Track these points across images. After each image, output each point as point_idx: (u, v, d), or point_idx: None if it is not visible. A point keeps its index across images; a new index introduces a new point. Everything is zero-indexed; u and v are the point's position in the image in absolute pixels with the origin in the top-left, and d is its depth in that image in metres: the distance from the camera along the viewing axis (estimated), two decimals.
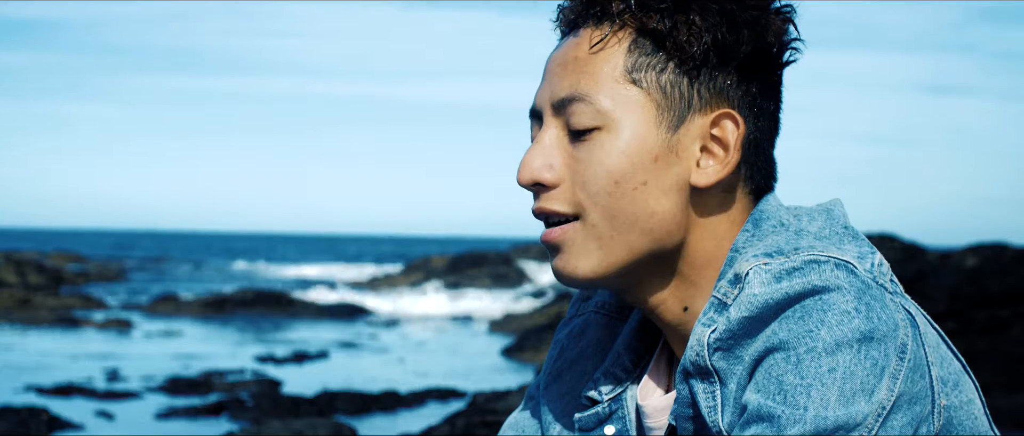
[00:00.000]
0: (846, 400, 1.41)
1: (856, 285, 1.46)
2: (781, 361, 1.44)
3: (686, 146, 1.61)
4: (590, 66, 1.61)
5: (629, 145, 1.59)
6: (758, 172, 1.65)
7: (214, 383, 15.29)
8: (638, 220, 1.60)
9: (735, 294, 1.52)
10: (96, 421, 12.66)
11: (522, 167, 1.64)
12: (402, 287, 37.01)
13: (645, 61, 1.60)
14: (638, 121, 1.60)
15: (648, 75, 1.60)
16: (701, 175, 1.61)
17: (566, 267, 1.64)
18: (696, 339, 1.54)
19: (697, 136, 1.61)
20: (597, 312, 1.82)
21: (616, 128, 1.60)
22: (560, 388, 1.81)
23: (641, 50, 1.60)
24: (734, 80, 1.61)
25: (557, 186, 1.63)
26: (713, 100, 1.61)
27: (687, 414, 1.58)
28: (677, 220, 1.61)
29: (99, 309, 27.44)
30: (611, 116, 1.60)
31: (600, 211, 1.60)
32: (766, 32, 1.60)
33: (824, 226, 1.59)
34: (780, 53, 1.63)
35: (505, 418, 10.95)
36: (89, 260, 49.97)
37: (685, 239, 1.63)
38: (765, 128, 1.64)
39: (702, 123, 1.61)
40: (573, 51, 1.64)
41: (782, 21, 1.62)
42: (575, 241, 1.62)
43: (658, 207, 1.60)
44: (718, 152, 1.61)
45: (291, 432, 11.07)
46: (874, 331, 1.44)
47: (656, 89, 1.60)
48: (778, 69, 1.65)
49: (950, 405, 1.54)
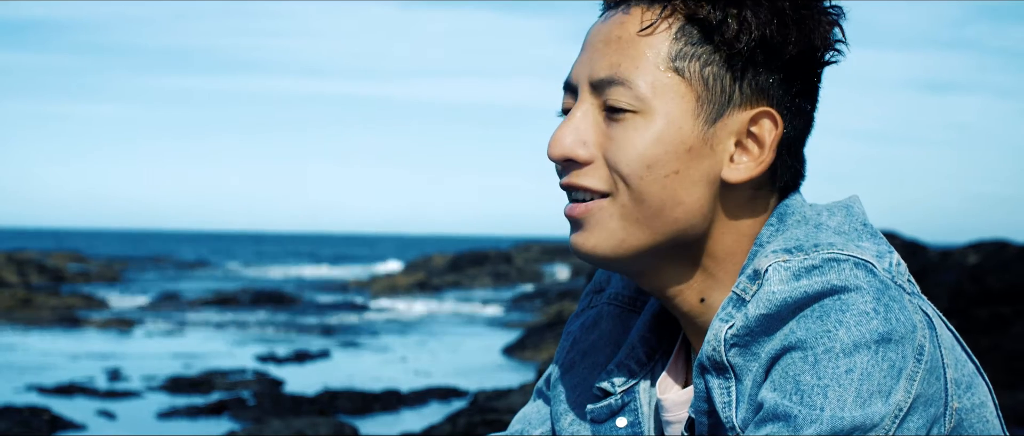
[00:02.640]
0: (863, 401, 1.40)
1: (875, 285, 1.45)
2: (798, 360, 1.43)
3: (722, 140, 1.59)
4: (634, 48, 1.59)
5: (665, 132, 1.57)
6: (788, 171, 1.64)
7: (215, 382, 15.29)
8: (664, 207, 1.58)
9: (754, 290, 1.51)
10: (98, 421, 12.66)
11: (554, 142, 1.62)
12: (403, 286, 37.00)
13: (691, 50, 1.58)
14: (676, 110, 1.58)
15: (692, 65, 1.58)
16: (733, 171, 1.59)
17: (586, 243, 1.62)
18: (713, 334, 1.53)
19: (734, 131, 1.59)
20: (610, 304, 1.81)
21: (653, 114, 1.58)
22: (572, 379, 1.80)
23: (688, 38, 1.58)
24: (777, 79, 1.59)
25: (589, 163, 1.61)
26: (754, 97, 1.59)
27: (704, 409, 1.57)
28: (703, 212, 1.60)
29: (100, 309, 27.44)
30: (650, 102, 1.58)
31: (630, 193, 1.59)
32: (813, 33, 1.58)
33: (843, 222, 1.58)
34: (824, 54, 1.61)
35: (507, 417, 10.95)
36: (90, 260, 49.97)
37: (708, 231, 1.61)
38: (800, 127, 1.62)
39: (741, 119, 1.59)
40: (618, 29, 1.61)
41: (829, 23, 1.60)
42: (600, 218, 1.61)
43: (686, 197, 1.59)
44: (753, 149, 1.59)
45: (292, 431, 11.06)
46: (892, 332, 1.42)
47: (698, 80, 1.58)
48: (820, 69, 1.63)
49: (962, 407, 1.53)
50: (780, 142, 1.60)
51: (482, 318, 27.18)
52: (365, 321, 26.15)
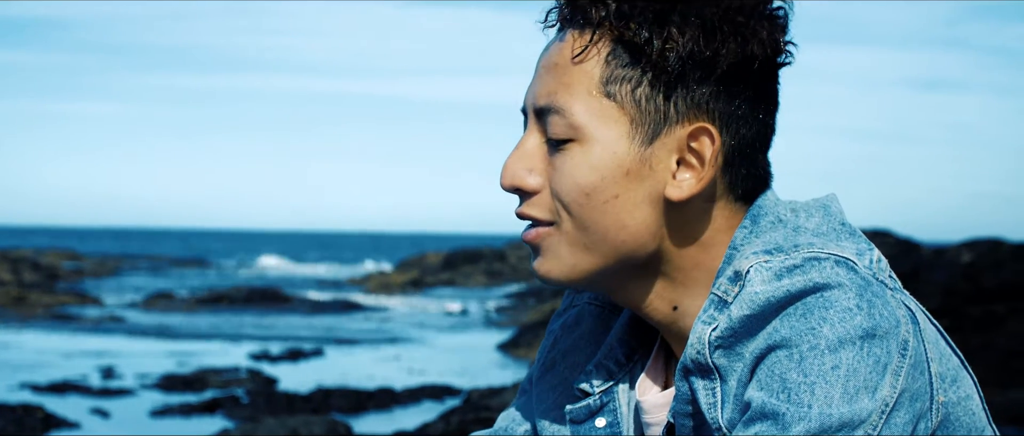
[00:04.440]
0: (850, 397, 1.40)
1: (857, 282, 1.45)
2: (784, 359, 1.44)
3: (661, 159, 1.58)
4: (568, 75, 1.59)
5: (600, 159, 1.58)
6: (743, 180, 1.62)
7: (209, 380, 15.27)
8: (608, 232, 1.59)
9: (736, 292, 1.51)
10: (91, 419, 12.65)
11: (504, 171, 1.64)
12: (397, 284, 37.01)
13: (621, 73, 1.57)
14: (611, 135, 1.57)
15: (623, 88, 1.57)
16: (676, 189, 1.58)
17: (541, 268, 1.64)
18: (697, 337, 1.53)
19: (673, 149, 1.58)
20: (591, 303, 1.82)
21: (589, 141, 1.58)
22: (553, 379, 1.80)
23: (618, 61, 1.58)
24: (715, 91, 1.57)
25: (538, 192, 1.62)
26: (690, 113, 1.57)
27: (686, 411, 1.57)
28: (651, 231, 1.60)
29: (94, 306, 27.41)
30: (584, 130, 1.58)
31: (573, 221, 1.60)
32: (751, 41, 1.56)
33: (822, 222, 1.58)
34: (772, 58, 1.59)
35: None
36: (85, 257, 49.94)
37: (662, 247, 1.61)
38: (750, 136, 1.60)
39: (679, 136, 1.58)
40: (556, 56, 1.62)
41: (771, 26, 1.58)
42: (550, 245, 1.62)
43: (630, 220, 1.59)
44: (695, 165, 1.58)
45: (286, 430, 11.05)
46: (876, 328, 1.43)
47: (630, 103, 1.57)
48: (768, 74, 1.61)
49: (948, 401, 1.53)
50: (726, 154, 1.58)
51: (476, 316, 27.18)
52: (359, 319, 26.15)
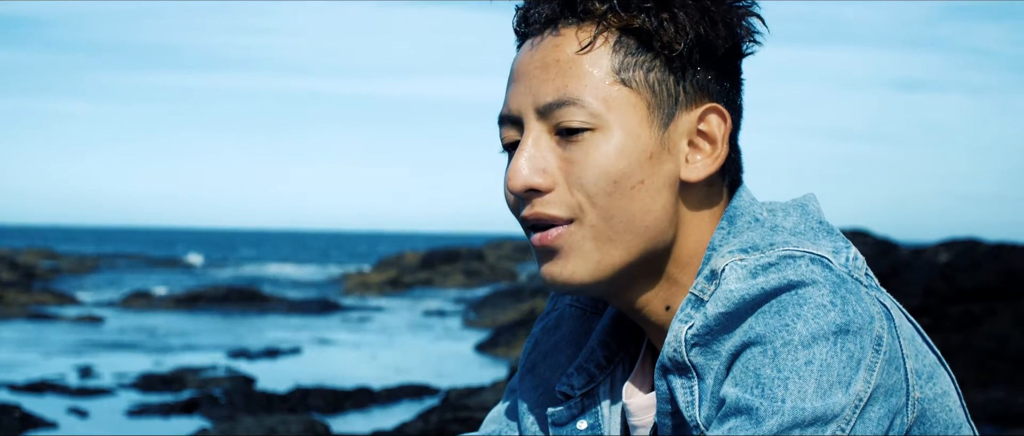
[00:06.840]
0: (823, 392, 1.42)
1: (831, 279, 1.47)
2: (758, 355, 1.45)
3: (676, 142, 1.61)
4: (576, 68, 1.60)
5: (625, 144, 1.59)
6: (734, 165, 1.67)
7: (187, 380, 15.25)
8: (635, 219, 1.59)
9: (712, 290, 1.53)
10: (69, 418, 12.62)
11: (512, 175, 1.61)
12: (375, 284, 36.97)
13: (632, 60, 1.60)
14: (631, 120, 1.59)
15: (636, 74, 1.60)
16: (691, 170, 1.61)
17: (563, 272, 1.61)
18: (673, 335, 1.54)
19: (685, 132, 1.61)
20: (571, 305, 1.82)
21: (609, 128, 1.59)
22: (534, 381, 1.81)
23: (627, 49, 1.60)
24: (714, 75, 1.62)
25: (552, 190, 1.61)
26: (697, 96, 1.61)
27: (667, 410, 1.58)
28: (669, 217, 1.61)
29: (72, 305, 27.34)
30: (604, 117, 1.59)
31: (598, 212, 1.59)
32: (736, 27, 1.62)
33: (799, 221, 1.60)
34: (742, 44, 1.65)
35: (479, 414, 10.95)
36: (62, 257, 49.77)
37: (675, 237, 1.63)
38: (737, 120, 1.66)
39: (689, 118, 1.61)
40: (554, 53, 1.62)
41: (744, 14, 1.63)
42: (573, 244, 1.61)
43: (653, 205, 1.60)
44: (705, 146, 1.62)
45: (264, 429, 11.04)
46: (850, 324, 1.44)
47: (645, 87, 1.60)
48: (740, 59, 1.66)
49: (924, 397, 1.54)
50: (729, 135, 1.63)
51: (454, 316, 27.17)
52: (337, 318, 26.12)
